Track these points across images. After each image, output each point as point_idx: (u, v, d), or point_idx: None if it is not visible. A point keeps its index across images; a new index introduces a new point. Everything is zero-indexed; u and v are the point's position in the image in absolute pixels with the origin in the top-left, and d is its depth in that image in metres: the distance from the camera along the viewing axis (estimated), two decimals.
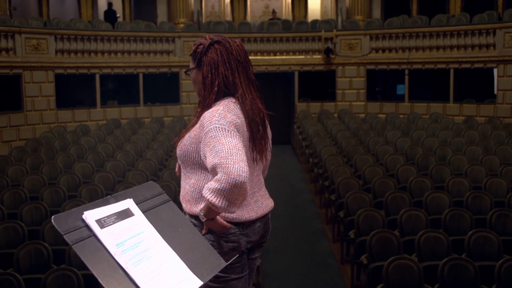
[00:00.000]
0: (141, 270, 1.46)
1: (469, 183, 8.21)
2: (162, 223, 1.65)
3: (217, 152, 2.22)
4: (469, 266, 5.23)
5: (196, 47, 2.54)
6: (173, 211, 1.74)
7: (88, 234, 1.50)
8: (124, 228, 1.54)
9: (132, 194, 1.68)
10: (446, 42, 14.92)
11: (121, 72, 15.45)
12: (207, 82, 2.47)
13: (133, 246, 1.51)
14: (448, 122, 13.66)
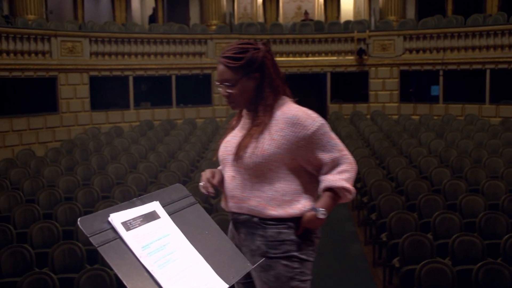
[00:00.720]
0: (166, 273, 1.46)
1: (505, 186, 8.03)
2: (188, 226, 1.66)
3: (333, 146, 2.43)
4: (505, 270, 5.11)
5: (248, 57, 2.46)
6: (199, 214, 1.75)
7: (114, 237, 1.51)
8: (150, 231, 1.55)
9: (159, 197, 1.69)
10: (482, 42, 14.66)
11: (154, 74, 15.62)
12: (266, 85, 2.46)
13: (158, 249, 1.52)
14: (483, 124, 13.40)
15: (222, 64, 2.44)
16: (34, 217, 7.18)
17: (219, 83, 2.46)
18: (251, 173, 2.40)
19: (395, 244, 6.31)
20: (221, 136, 2.75)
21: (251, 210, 2.41)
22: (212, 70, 16.00)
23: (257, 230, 2.42)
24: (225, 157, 2.50)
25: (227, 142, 2.53)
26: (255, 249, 2.43)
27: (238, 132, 2.53)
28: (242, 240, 2.46)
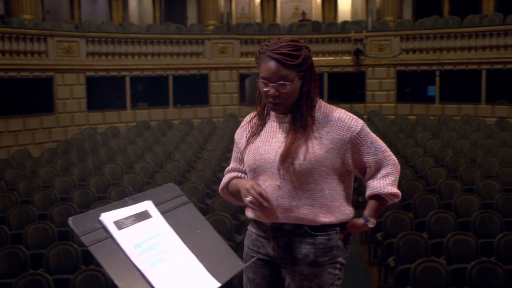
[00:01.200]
0: (158, 272, 1.48)
1: (500, 186, 8.07)
2: (180, 225, 1.67)
3: (376, 148, 2.36)
4: (498, 269, 5.15)
5: (303, 55, 2.29)
6: (192, 213, 1.76)
7: (106, 236, 1.52)
8: (141, 230, 1.57)
9: (151, 196, 1.70)
10: (478, 43, 14.70)
11: (151, 74, 15.63)
12: (312, 85, 2.32)
13: (150, 248, 1.53)
14: (479, 124, 13.45)
15: (276, 61, 2.24)
16: (29, 217, 7.18)
17: (271, 81, 2.25)
18: (301, 180, 2.27)
19: (390, 244, 6.34)
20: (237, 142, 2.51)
21: (300, 219, 2.30)
22: (209, 70, 16.03)
23: (305, 238, 2.34)
24: (262, 164, 2.31)
25: (260, 149, 2.33)
26: (301, 258, 2.34)
27: (270, 137, 2.35)
28: (281, 249, 2.36)
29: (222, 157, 11.46)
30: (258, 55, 2.32)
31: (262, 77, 2.27)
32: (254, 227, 2.43)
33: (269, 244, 2.37)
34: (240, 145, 2.46)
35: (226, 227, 7.02)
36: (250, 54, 16.21)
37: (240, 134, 2.48)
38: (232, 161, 2.53)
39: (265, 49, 2.29)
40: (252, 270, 2.42)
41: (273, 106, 2.30)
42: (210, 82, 16.15)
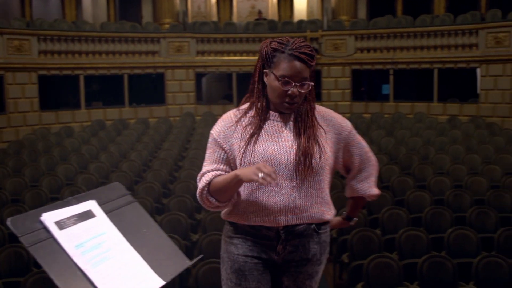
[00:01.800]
0: (100, 271, 1.47)
1: (451, 182, 8.28)
2: (125, 224, 1.66)
3: (361, 148, 2.48)
4: (448, 263, 5.28)
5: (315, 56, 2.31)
6: (138, 212, 1.75)
7: (46, 236, 1.50)
8: (84, 230, 1.55)
9: (95, 195, 1.69)
10: (430, 42, 15.03)
11: (105, 73, 15.41)
12: (313, 86, 2.36)
13: (93, 247, 1.52)
14: (432, 122, 13.75)
15: (301, 61, 2.24)
16: None
17: (295, 81, 2.23)
18: (315, 178, 2.30)
19: (344, 240, 6.43)
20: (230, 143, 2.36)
21: (311, 218, 2.34)
22: (165, 69, 15.91)
23: (313, 238, 2.37)
24: (274, 165, 2.25)
25: (269, 149, 2.28)
26: (309, 258, 2.37)
27: (276, 137, 2.30)
28: (287, 252, 2.35)
29: (178, 156, 11.40)
30: (273, 52, 2.27)
31: (284, 75, 2.22)
32: (249, 233, 2.34)
33: (272, 248, 2.33)
34: (225, 146, 2.33)
35: (182, 226, 7.00)
36: (206, 53, 16.17)
37: (226, 134, 2.34)
38: (210, 162, 2.36)
39: (284, 48, 2.25)
40: (255, 278, 2.33)
41: (289, 106, 2.27)
42: (166, 81, 16.04)
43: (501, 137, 11.62)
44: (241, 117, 2.35)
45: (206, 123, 14.43)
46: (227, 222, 2.43)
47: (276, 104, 2.30)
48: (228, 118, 2.38)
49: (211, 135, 2.39)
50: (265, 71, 2.31)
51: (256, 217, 2.29)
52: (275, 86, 2.25)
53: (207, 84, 18.72)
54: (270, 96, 2.31)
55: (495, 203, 7.34)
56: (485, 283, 5.20)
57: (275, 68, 2.25)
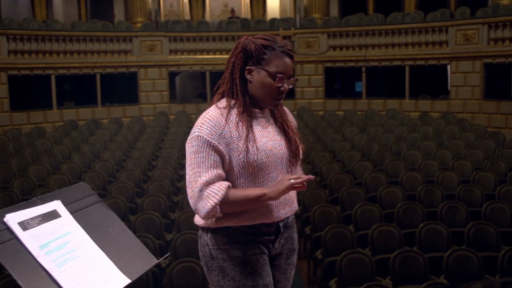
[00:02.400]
0: (65, 271, 1.46)
1: (422, 177, 8.39)
2: (91, 224, 1.66)
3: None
4: (419, 258, 5.35)
5: None
6: (104, 212, 1.75)
7: (10, 237, 1.49)
8: (49, 230, 1.54)
9: (61, 196, 1.68)
10: (401, 40, 15.19)
11: (77, 73, 15.25)
12: None
13: (58, 247, 1.51)
14: (404, 118, 13.91)
15: (290, 58, 2.32)
16: None
17: (288, 76, 2.29)
18: (297, 170, 2.42)
19: (318, 237, 6.47)
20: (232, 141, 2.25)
21: (295, 208, 2.44)
22: (138, 68, 15.81)
23: (294, 227, 2.47)
24: (274, 160, 2.28)
25: (268, 145, 2.28)
26: (295, 248, 2.46)
27: (268, 132, 2.32)
28: (281, 246, 2.39)
29: (152, 156, 11.35)
30: (264, 49, 2.27)
31: (279, 72, 2.26)
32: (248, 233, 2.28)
33: (270, 245, 2.34)
34: (221, 147, 2.20)
35: (156, 225, 6.97)
36: (179, 52, 16.11)
37: (219, 134, 2.21)
38: (206, 168, 2.20)
39: (274, 45, 2.28)
40: (267, 273, 2.32)
41: (278, 102, 2.31)
42: (139, 80, 15.94)
43: (471, 133, 11.81)
44: (228, 115, 2.26)
45: (180, 122, 14.39)
46: (214, 230, 2.30)
47: (264, 100, 2.30)
48: (215, 117, 2.24)
49: (200, 137, 2.21)
50: (248, 68, 2.28)
51: (259, 216, 2.26)
52: (268, 83, 2.25)
53: (180, 83, 18.67)
54: (257, 93, 2.28)
55: (465, 198, 7.47)
56: (455, 276, 5.28)
57: (268, 65, 2.25)
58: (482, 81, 13.88)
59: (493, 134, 11.80)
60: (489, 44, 13.65)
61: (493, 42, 13.59)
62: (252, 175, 2.24)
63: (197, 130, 2.22)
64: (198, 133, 2.22)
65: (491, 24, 13.57)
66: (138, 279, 5.05)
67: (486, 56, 13.69)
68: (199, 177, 2.18)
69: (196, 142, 2.22)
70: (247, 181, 2.24)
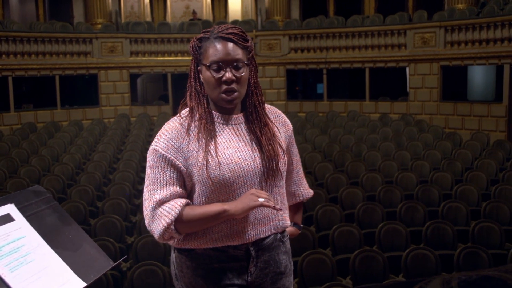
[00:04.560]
0: (18, 275, 1.44)
1: (382, 178, 8.52)
2: (46, 227, 1.63)
3: (296, 148, 2.26)
4: (379, 257, 5.44)
5: (250, 40, 2.05)
6: (59, 215, 1.73)
7: None
8: (2, 234, 1.51)
9: (14, 199, 1.65)
10: (361, 42, 15.40)
11: (36, 74, 14.97)
12: (257, 79, 2.11)
13: (11, 252, 1.49)
14: (364, 120, 14.10)
15: (229, 41, 1.97)
16: None
17: (226, 64, 1.96)
18: (279, 184, 2.09)
19: None
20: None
21: (277, 227, 2.10)
22: (98, 70, 15.61)
23: (280, 248, 2.12)
24: (242, 175, 1.98)
25: (233, 157, 1.98)
26: (283, 271, 2.14)
27: (234, 142, 2.02)
28: (259, 270, 2.07)
29: (113, 158, 11.22)
30: (200, 43, 2.03)
31: (214, 61, 1.96)
32: (214, 258, 2.03)
33: (243, 270, 2.05)
34: (178, 163, 1.97)
35: (117, 229, 6.90)
36: (140, 54, 15.98)
37: (176, 148, 1.97)
38: (162, 185, 1.98)
39: (209, 35, 2.00)
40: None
41: (228, 96, 1.97)
42: (100, 82, 15.74)
43: (429, 134, 12.06)
44: (189, 125, 2.00)
45: (141, 125, 14.27)
46: (180, 250, 2.08)
47: (215, 99, 2.00)
48: (174, 129, 2.00)
49: (155, 151, 1.98)
50: (199, 68, 2.04)
51: (223, 237, 2.00)
52: (208, 77, 1.97)
53: (142, 85, 18.50)
54: (208, 93, 2.02)
55: (424, 198, 7.62)
56: (413, 274, 5.39)
57: (204, 58, 1.99)
58: (439, 83, 14.18)
59: (450, 135, 12.08)
60: (446, 47, 13.96)
61: (449, 45, 13.91)
62: (215, 192, 1.97)
63: (154, 143, 2.00)
64: (154, 147, 1.99)
65: (447, 27, 13.89)
66: (99, 283, 4.99)
67: (442, 59, 14.00)
68: (153, 195, 1.97)
69: (152, 156, 2.00)
70: (211, 199, 1.98)
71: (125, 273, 6.08)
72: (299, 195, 2.33)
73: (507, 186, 7.83)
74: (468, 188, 7.82)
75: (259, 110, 2.06)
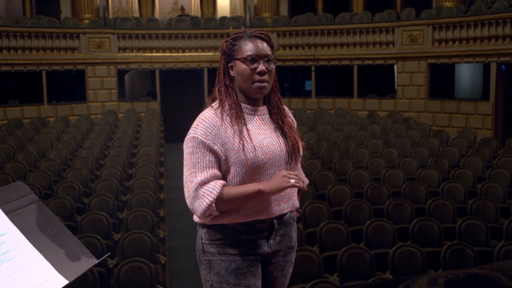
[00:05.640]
0: None
1: (369, 175, 8.54)
2: (27, 224, 1.61)
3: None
4: (366, 254, 5.45)
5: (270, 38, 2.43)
6: (42, 212, 1.70)
7: None
8: None
9: None
10: (349, 40, 15.41)
11: (22, 70, 14.82)
12: (276, 78, 2.50)
13: None
14: (352, 117, 14.13)
15: (262, 39, 2.34)
16: None
17: (260, 57, 2.30)
18: (297, 167, 2.41)
19: None
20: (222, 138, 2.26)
21: (293, 205, 2.41)
22: (85, 66, 15.49)
23: (293, 225, 2.46)
24: (272, 157, 2.27)
25: (264, 143, 2.27)
26: (293, 246, 2.46)
27: (263, 130, 2.32)
28: (276, 243, 2.37)
29: (100, 155, 11.15)
30: (234, 42, 2.35)
31: (249, 55, 2.28)
32: (242, 231, 2.30)
33: (265, 241, 2.33)
34: (216, 148, 2.23)
35: (104, 225, 6.87)
36: (128, 49, 15.89)
37: (214, 135, 2.24)
38: (202, 168, 2.24)
39: (243, 34, 2.34)
40: (253, 275, 2.32)
41: (260, 85, 2.29)
42: (87, 78, 15.62)
43: (416, 131, 12.11)
44: (222, 115, 2.29)
45: (129, 121, 14.19)
46: (209, 226, 2.33)
47: (247, 89, 2.32)
48: (209, 118, 2.28)
49: (195, 138, 2.25)
50: (230, 65, 2.36)
51: (253, 213, 2.27)
52: (243, 69, 2.29)
53: (129, 81, 18.41)
54: (240, 84, 2.33)
55: (411, 195, 7.65)
56: (400, 271, 5.40)
57: (239, 53, 2.31)
58: (427, 81, 14.23)
59: (437, 133, 12.13)
60: (433, 45, 14.01)
61: (437, 43, 13.96)
62: (249, 173, 2.24)
63: (192, 132, 2.27)
64: (193, 134, 2.26)
65: (435, 25, 13.93)
66: (85, 280, 4.94)
67: (430, 57, 14.05)
68: (195, 177, 2.23)
69: (191, 143, 2.26)
70: (244, 180, 2.25)
71: (111, 270, 6.05)
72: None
73: (493, 184, 7.88)
74: (455, 186, 7.86)
75: (279, 105, 2.41)
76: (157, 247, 6.52)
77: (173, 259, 7.78)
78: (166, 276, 6.78)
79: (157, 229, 7.23)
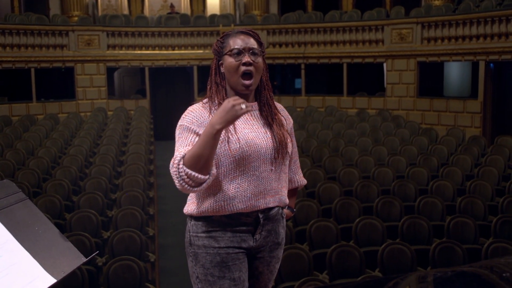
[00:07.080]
0: None
1: (359, 173, 8.56)
2: (15, 223, 1.60)
3: (295, 141, 2.59)
4: (355, 252, 5.47)
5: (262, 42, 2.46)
6: (29, 210, 1.69)
7: None
8: None
9: None
10: (339, 38, 15.43)
11: (10, 67, 14.72)
12: (267, 75, 2.52)
13: None
14: (342, 115, 14.15)
15: (247, 34, 2.39)
16: None
17: (245, 50, 2.34)
18: (285, 163, 2.43)
19: None
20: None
21: (280, 201, 2.42)
22: (75, 63, 15.42)
23: (280, 222, 2.47)
24: (256, 150, 2.30)
25: (249, 135, 2.31)
26: (279, 242, 2.48)
27: (250, 125, 2.36)
28: (262, 238, 2.40)
29: (89, 153, 11.10)
30: (222, 40, 2.42)
31: (235, 48, 2.34)
32: (227, 224, 2.33)
33: (250, 236, 2.37)
34: (200, 132, 2.26)
35: (93, 223, 6.84)
36: (117, 47, 15.82)
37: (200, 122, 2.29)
38: (187, 146, 2.24)
39: (231, 32, 2.42)
40: (238, 268, 2.35)
41: (247, 77, 2.33)
42: (76, 75, 15.53)
43: (406, 129, 12.16)
44: (210, 108, 2.36)
45: (118, 118, 14.14)
46: (196, 218, 2.38)
47: (235, 84, 2.35)
48: (197, 109, 2.37)
49: (181, 126, 2.33)
50: (220, 62, 2.42)
51: (238, 204, 2.30)
52: (229, 62, 2.34)
53: (119, 79, 18.33)
54: (229, 79, 2.38)
55: (400, 193, 7.68)
56: (389, 269, 5.43)
57: (227, 48, 2.37)
58: (416, 79, 14.29)
59: (426, 131, 12.18)
60: (423, 43, 14.06)
61: (426, 41, 14.01)
62: (233, 163, 2.28)
63: (180, 121, 2.35)
64: (180, 123, 2.34)
65: (424, 23, 13.98)
66: (74, 278, 4.92)
67: (419, 55, 14.10)
68: (176, 152, 2.26)
69: (178, 130, 2.34)
70: (228, 170, 2.29)
71: (100, 268, 6.02)
72: (295, 181, 2.69)
73: (482, 182, 7.93)
74: (444, 184, 7.90)
75: (270, 103, 2.44)
76: (147, 245, 6.51)
77: (162, 257, 7.77)
78: (156, 274, 6.77)
79: (147, 227, 7.21)
